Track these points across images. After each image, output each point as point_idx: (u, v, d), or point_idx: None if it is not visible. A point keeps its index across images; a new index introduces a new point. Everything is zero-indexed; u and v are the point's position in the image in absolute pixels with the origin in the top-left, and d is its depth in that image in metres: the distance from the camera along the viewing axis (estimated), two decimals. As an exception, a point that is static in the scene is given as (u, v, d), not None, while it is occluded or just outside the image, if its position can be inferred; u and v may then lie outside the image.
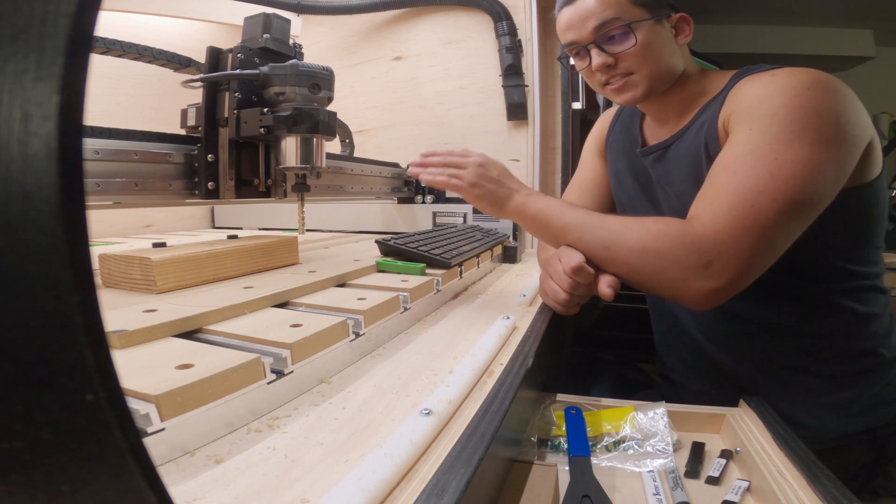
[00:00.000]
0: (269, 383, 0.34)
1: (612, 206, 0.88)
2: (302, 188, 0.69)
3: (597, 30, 0.62)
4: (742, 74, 0.62)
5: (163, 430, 0.27)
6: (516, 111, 1.27)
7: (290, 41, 0.71)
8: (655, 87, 0.64)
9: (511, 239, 1.07)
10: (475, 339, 0.47)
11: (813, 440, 0.62)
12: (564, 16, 0.65)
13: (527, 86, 1.26)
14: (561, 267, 0.58)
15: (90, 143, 0.53)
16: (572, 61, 0.69)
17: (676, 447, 0.46)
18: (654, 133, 0.74)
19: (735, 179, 0.52)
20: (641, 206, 0.75)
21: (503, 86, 1.27)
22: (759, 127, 0.53)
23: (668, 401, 0.51)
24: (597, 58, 0.63)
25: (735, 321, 0.67)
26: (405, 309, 0.54)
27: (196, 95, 0.66)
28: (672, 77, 0.65)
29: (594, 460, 0.44)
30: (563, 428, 0.48)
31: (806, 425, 0.62)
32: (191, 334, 0.41)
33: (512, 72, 1.24)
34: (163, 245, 0.66)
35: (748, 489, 0.40)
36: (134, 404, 0.27)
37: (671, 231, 0.52)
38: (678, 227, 0.52)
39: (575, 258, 0.56)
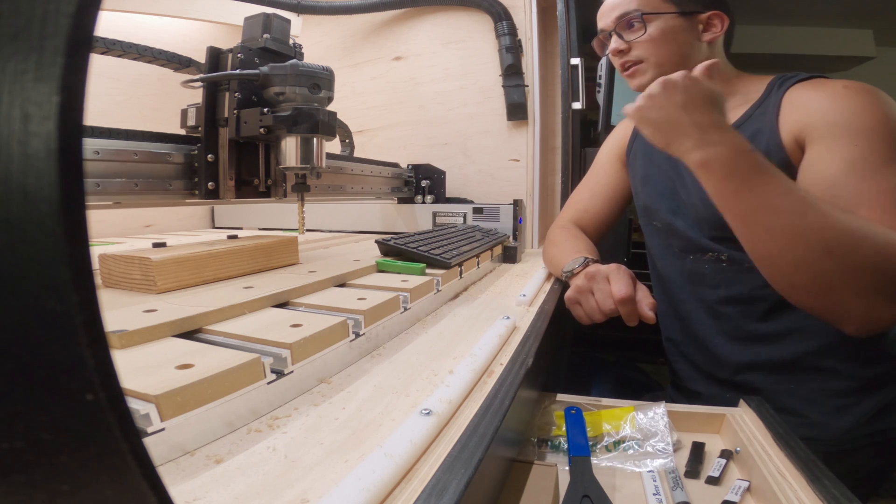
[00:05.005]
0: (269, 383, 0.34)
1: (621, 213, 0.89)
2: (302, 188, 0.69)
3: (618, 18, 0.70)
4: (784, 82, 0.64)
5: (163, 430, 0.27)
6: (516, 111, 1.26)
7: (290, 41, 0.71)
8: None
9: (511, 239, 1.07)
10: (475, 339, 0.47)
11: (828, 441, 0.62)
12: (602, 8, 0.74)
13: (527, 86, 1.26)
14: (609, 289, 0.58)
15: (90, 143, 0.53)
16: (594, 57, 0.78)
17: (676, 447, 0.46)
18: None
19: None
20: (667, 208, 0.76)
21: (503, 86, 1.27)
22: (864, 143, 0.54)
23: None
24: (613, 43, 0.71)
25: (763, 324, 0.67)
26: (405, 309, 0.54)
27: (196, 95, 0.66)
28: (685, 69, 0.66)
29: (594, 460, 0.44)
30: (563, 428, 0.48)
31: (823, 426, 0.62)
32: (191, 334, 0.41)
33: (512, 72, 1.24)
34: (163, 245, 0.66)
35: (748, 489, 0.40)
36: (134, 404, 0.27)
37: None
38: None
39: (625, 288, 0.56)
